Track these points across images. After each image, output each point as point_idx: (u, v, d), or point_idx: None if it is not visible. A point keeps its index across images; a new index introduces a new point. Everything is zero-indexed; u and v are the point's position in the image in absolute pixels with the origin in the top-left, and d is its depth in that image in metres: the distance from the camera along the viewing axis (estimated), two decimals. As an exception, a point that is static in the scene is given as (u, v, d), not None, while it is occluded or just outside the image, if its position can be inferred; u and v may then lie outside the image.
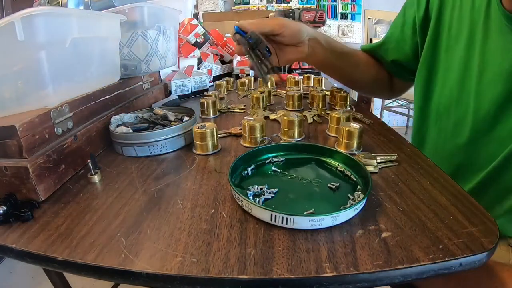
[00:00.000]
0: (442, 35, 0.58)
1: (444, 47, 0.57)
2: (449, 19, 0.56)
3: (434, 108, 0.61)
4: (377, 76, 0.74)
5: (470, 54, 0.53)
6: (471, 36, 0.52)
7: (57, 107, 0.44)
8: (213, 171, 0.46)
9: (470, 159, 0.55)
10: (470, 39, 0.52)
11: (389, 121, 3.23)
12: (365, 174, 0.39)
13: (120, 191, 0.41)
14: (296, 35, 0.59)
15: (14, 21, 0.37)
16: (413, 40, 0.64)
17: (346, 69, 0.71)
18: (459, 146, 0.55)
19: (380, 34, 3.11)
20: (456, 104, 0.55)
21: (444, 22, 0.57)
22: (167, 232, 0.33)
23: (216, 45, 1.16)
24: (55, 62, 0.43)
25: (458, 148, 0.56)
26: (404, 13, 0.65)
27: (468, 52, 0.53)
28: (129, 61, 0.67)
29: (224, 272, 0.27)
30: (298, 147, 0.49)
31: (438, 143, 0.61)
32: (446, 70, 0.57)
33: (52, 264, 0.30)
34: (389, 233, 0.32)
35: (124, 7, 0.61)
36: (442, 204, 0.37)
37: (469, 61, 0.53)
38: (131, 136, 0.50)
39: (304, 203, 0.37)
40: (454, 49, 0.56)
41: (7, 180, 0.37)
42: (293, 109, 0.74)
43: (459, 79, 0.54)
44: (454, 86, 0.55)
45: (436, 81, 0.60)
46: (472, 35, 0.52)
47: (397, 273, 0.27)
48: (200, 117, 0.71)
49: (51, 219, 0.36)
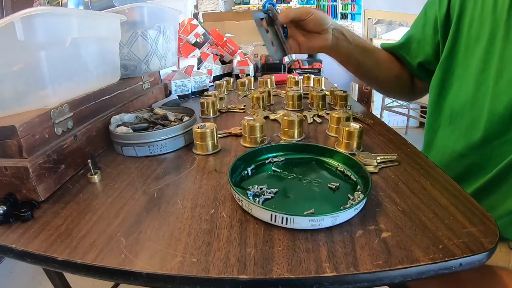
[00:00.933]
0: (462, 34, 0.57)
1: (463, 47, 0.57)
2: (470, 19, 0.55)
3: (448, 107, 0.60)
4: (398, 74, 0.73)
5: (490, 56, 0.52)
6: (491, 37, 0.51)
7: (57, 107, 0.44)
8: (213, 171, 0.46)
9: (481, 160, 0.54)
10: (490, 40, 0.52)
11: (389, 121, 3.23)
12: (365, 174, 0.39)
13: (120, 191, 0.41)
14: (321, 21, 0.61)
15: (14, 21, 0.37)
16: (434, 40, 0.63)
17: (369, 65, 0.70)
18: (472, 147, 0.55)
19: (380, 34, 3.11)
20: (471, 105, 0.55)
21: (465, 22, 0.56)
22: (167, 232, 0.33)
23: (216, 45, 1.16)
24: (55, 62, 0.43)
25: (470, 148, 0.55)
26: (425, 13, 0.65)
27: (488, 53, 0.52)
28: (129, 61, 0.67)
29: (224, 272, 0.27)
30: (298, 147, 0.49)
31: (449, 142, 0.60)
32: (464, 70, 0.57)
33: (52, 264, 0.30)
34: (389, 233, 0.32)
35: (124, 7, 0.61)
36: (442, 204, 0.37)
37: (488, 62, 0.52)
38: (131, 136, 0.50)
39: (304, 203, 0.37)
40: (473, 50, 0.55)
41: (7, 180, 0.37)
42: (293, 109, 0.74)
43: (476, 80, 0.54)
44: (471, 86, 0.55)
45: (453, 81, 0.59)
46: (493, 36, 0.51)
47: (397, 273, 0.27)
48: (200, 117, 0.71)
49: (51, 219, 0.36)
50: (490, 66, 0.51)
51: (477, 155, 0.55)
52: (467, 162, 0.57)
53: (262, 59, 1.28)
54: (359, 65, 0.70)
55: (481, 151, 0.54)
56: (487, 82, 0.52)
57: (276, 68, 1.26)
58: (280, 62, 1.25)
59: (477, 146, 0.54)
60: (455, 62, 0.59)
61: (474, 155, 0.55)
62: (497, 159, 0.51)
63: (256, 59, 1.35)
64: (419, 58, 0.67)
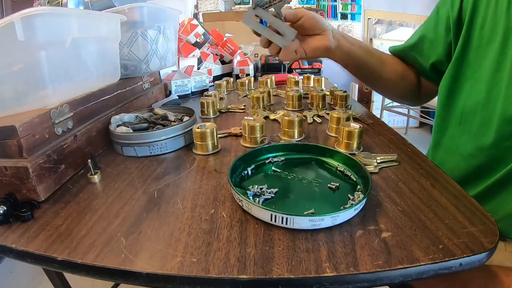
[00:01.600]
0: (474, 34, 0.56)
1: (475, 47, 0.56)
2: (482, 19, 0.54)
3: (459, 108, 0.59)
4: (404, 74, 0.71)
5: (503, 56, 0.51)
6: (505, 38, 0.50)
7: (57, 107, 0.44)
8: (213, 171, 0.46)
9: (490, 161, 0.53)
10: (504, 41, 0.51)
11: (389, 121, 3.23)
12: (365, 174, 0.39)
13: (120, 191, 0.41)
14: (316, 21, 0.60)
15: (14, 21, 0.37)
16: (446, 40, 0.62)
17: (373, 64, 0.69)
18: (482, 148, 0.54)
19: (380, 34, 3.11)
20: (483, 106, 0.54)
21: (477, 21, 0.55)
22: (167, 232, 0.33)
23: (216, 45, 1.16)
24: (55, 62, 0.43)
25: (480, 150, 0.54)
26: (438, 12, 0.64)
27: (501, 54, 0.51)
28: (129, 61, 0.67)
29: (224, 272, 0.27)
30: (298, 147, 0.49)
31: (459, 143, 0.59)
32: (476, 70, 0.56)
33: (52, 264, 0.30)
34: (389, 233, 0.32)
35: (124, 7, 0.61)
36: (442, 204, 0.37)
37: (501, 63, 0.51)
38: (131, 136, 0.50)
39: (304, 203, 0.37)
40: (486, 50, 0.54)
41: (7, 180, 0.37)
42: (293, 109, 0.74)
43: (489, 81, 0.53)
44: (483, 87, 0.54)
45: (464, 81, 0.58)
46: (507, 36, 0.50)
47: (397, 273, 0.27)
48: (200, 117, 0.71)
49: (51, 219, 0.36)
50: (504, 67, 0.51)
51: (486, 157, 0.54)
52: (475, 163, 0.56)
53: (262, 59, 1.28)
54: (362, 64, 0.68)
55: (490, 152, 0.53)
56: (500, 83, 0.51)
57: (276, 68, 1.26)
58: (280, 62, 1.25)
59: (487, 148, 0.53)
60: (466, 62, 0.58)
61: (483, 157, 0.55)
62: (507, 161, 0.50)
63: (256, 59, 1.35)
64: (432, 58, 0.65)
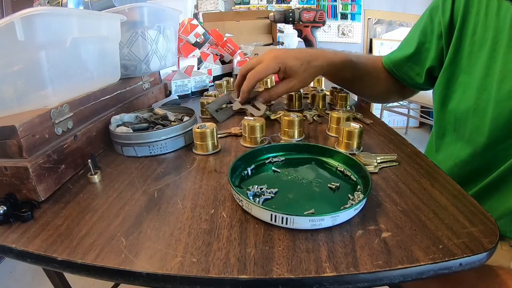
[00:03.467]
0: (465, 40, 0.56)
1: (466, 53, 0.56)
2: (474, 24, 0.55)
3: (452, 114, 0.59)
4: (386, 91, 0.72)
5: (492, 61, 0.51)
6: (494, 43, 0.51)
7: (57, 107, 0.43)
8: (213, 171, 0.46)
9: (484, 164, 0.54)
10: (493, 46, 0.51)
11: (389, 121, 3.23)
12: (365, 174, 0.39)
13: (120, 191, 0.41)
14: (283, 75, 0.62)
15: (14, 21, 0.37)
16: (438, 45, 0.62)
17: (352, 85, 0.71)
18: (475, 153, 0.54)
19: (380, 34, 3.11)
20: (474, 111, 0.54)
21: (468, 27, 0.56)
22: (167, 232, 0.33)
23: (216, 45, 1.16)
24: (55, 62, 0.43)
25: (473, 155, 0.55)
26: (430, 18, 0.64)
27: (491, 59, 0.51)
28: (129, 61, 0.67)
29: (224, 272, 0.27)
30: (298, 147, 0.49)
31: (454, 150, 0.59)
32: (467, 76, 0.56)
33: (52, 264, 0.30)
34: (389, 233, 0.32)
35: (124, 7, 0.61)
36: (442, 204, 0.37)
37: (490, 68, 0.51)
38: (131, 136, 0.50)
39: (304, 203, 0.37)
40: (477, 55, 0.54)
41: (7, 180, 0.37)
42: (293, 109, 0.74)
43: (479, 86, 0.53)
44: (474, 92, 0.54)
45: (456, 87, 0.58)
46: (496, 41, 0.51)
47: (397, 273, 0.27)
48: (200, 117, 0.71)
49: (51, 219, 0.36)
50: (494, 71, 0.51)
51: (480, 161, 0.54)
52: (470, 167, 0.56)
53: (262, 59, 1.28)
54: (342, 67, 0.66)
55: (484, 156, 0.53)
56: (490, 88, 0.51)
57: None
58: None
59: (481, 152, 0.54)
60: (458, 68, 0.58)
61: (477, 161, 0.55)
62: (501, 163, 0.51)
63: (256, 59, 1.35)
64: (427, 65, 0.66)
